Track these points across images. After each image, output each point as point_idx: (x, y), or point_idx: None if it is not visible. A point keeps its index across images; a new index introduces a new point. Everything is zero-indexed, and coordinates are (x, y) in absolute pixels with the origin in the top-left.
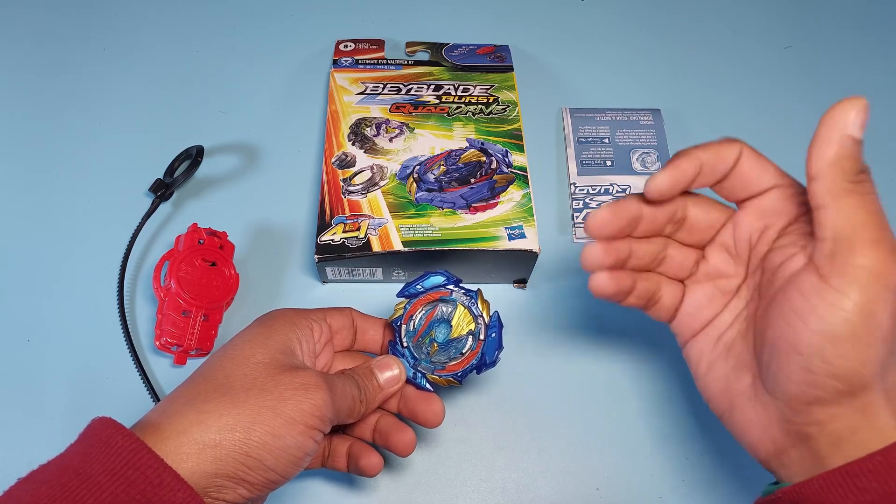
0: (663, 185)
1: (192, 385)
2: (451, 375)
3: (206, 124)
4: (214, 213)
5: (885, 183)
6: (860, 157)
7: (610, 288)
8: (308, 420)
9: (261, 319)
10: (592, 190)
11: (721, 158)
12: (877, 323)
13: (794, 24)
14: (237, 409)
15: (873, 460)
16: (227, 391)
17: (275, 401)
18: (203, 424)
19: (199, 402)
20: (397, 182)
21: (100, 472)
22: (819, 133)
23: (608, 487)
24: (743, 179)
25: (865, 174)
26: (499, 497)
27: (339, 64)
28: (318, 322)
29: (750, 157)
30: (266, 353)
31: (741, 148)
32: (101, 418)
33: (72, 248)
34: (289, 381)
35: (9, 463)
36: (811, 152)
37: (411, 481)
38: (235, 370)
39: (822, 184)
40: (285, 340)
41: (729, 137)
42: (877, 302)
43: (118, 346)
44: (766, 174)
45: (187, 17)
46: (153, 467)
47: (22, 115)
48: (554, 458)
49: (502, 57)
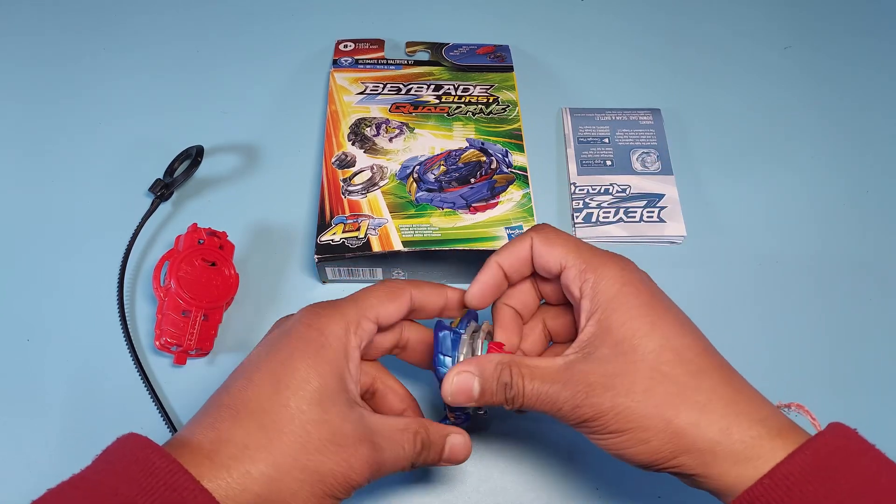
0: (473, 299)
1: (240, 430)
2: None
3: (206, 124)
4: (214, 213)
5: (886, 183)
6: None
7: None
8: (338, 495)
9: (315, 343)
10: (592, 190)
11: (515, 254)
12: (629, 435)
13: (794, 24)
14: (281, 480)
15: (762, 485)
16: (275, 449)
17: (316, 479)
18: (248, 475)
19: (252, 446)
20: (397, 182)
21: (136, 492)
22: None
23: (608, 487)
24: (540, 265)
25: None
26: (499, 497)
27: (339, 64)
28: (366, 330)
29: (539, 244)
30: (322, 409)
31: (531, 237)
32: (132, 435)
33: (72, 247)
34: (333, 461)
35: (9, 463)
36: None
37: (411, 481)
38: (288, 424)
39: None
40: (339, 379)
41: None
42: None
43: (118, 346)
44: (552, 257)
45: (187, 16)
46: (189, 489)
47: (22, 115)
48: (554, 457)
49: (502, 57)
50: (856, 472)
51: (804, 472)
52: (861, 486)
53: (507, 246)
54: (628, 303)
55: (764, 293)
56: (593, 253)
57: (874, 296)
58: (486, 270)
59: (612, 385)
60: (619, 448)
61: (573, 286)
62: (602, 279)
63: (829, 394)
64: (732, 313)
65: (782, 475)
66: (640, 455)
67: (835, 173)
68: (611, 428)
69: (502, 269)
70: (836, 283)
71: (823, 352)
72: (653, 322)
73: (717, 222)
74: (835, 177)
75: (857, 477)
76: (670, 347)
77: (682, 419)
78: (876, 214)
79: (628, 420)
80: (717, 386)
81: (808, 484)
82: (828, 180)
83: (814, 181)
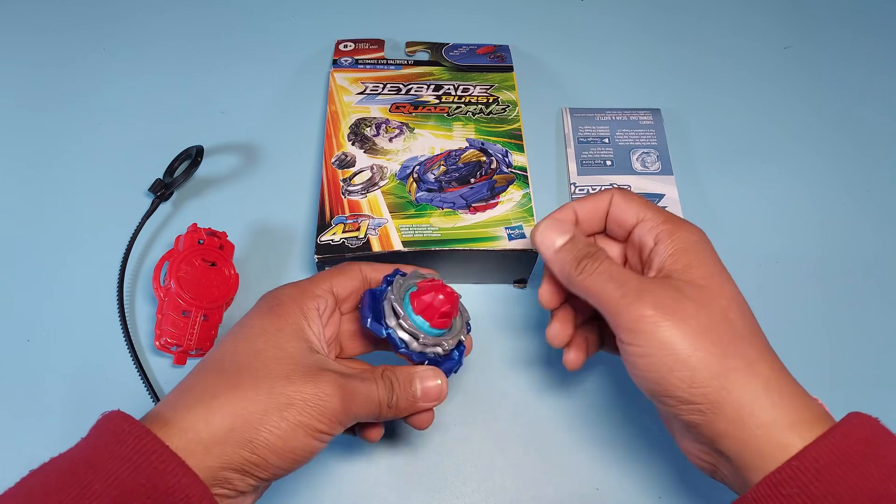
0: (538, 233)
1: (203, 377)
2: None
3: (206, 124)
4: (214, 213)
5: (886, 183)
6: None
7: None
8: (315, 425)
9: (268, 304)
10: (592, 190)
11: (593, 203)
12: (672, 351)
13: (794, 24)
14: (245, 407)
15: (790, 467)
16: (237, 386)
17: (283, 403)
18: (210, 423)
19: (208, 397)
20: (397, 182)
21: (107, 459)
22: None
23: (608, 487)
24: (616, 216)
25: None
26: (499, 497)
27: (339, 64)
28: (322, 297)
29: (619, 198)
30: (278, 348)
31: (612, 192)
32: (112, 411)
33: (72, 247)
34: (301, 384)
35: (9, 462)
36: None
37: (411, 481)
38: (247, 364)
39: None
40: (296, 329)
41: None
42: (663, 334)
43: (118, 346)
44: (631, 210)
45: (187, 16)
46: (158, 452)
47: (21, 115)
48: (554, 458)
49: (502, 57)
50: (885, 460)
51: (835, 457)
52: (889, 475)
53: (586, 197)
54: (706, 251)
55: (764, 293)
56: (669, 214)
57: (875, 295)
58: (562, 209)
59: (681, 308)
60: (663, 369)
61: (648, 235)
62: (679, 230)
63: (830, 394)
64: None
65: (812, 458)
66: (681, 383)
67: (835, 173)
68: (661, 339)
69: (576, 214)
70: (837, 283)
71: (824, 351)
72: (726, 276)
73: (717, 222)
74: (835, 177)
75: (886, 466)
76: (738, 302)
77: (733, 362)
78: (876, 214)
79: (678, 344)
80: (766, 349)
81: (838, 469)
82: (828, 180)
83: (814, 181)
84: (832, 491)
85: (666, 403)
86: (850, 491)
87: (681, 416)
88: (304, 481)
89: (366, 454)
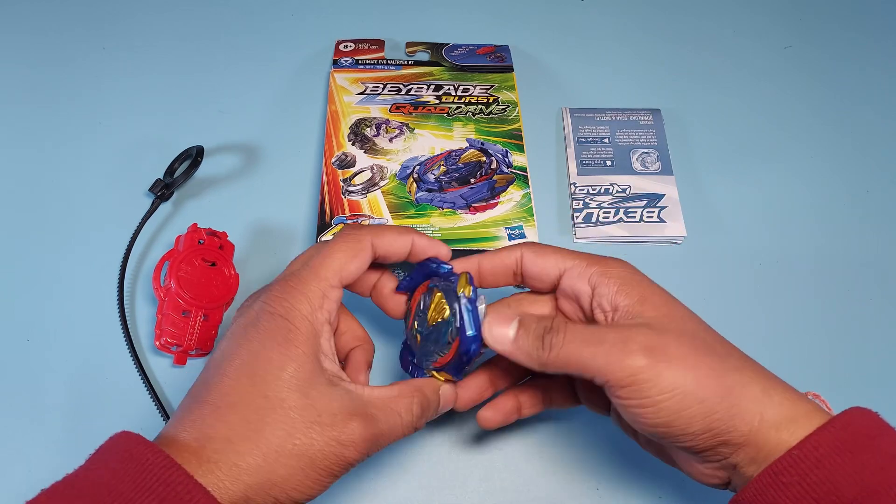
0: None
1: (222, 424)
2: (443, 369)
3: (206, 124)
4: (214, 213)
5: (886, 183)
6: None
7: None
8: (337, 472)
9: (283, 332)
10: (592, 190)
11: (499, 259)
12: (678, 392)
13: (794, 24)
14: (271, 470)
15: (791, 456)
16: (261, 446)
17: (307, 464)
18: (236, 467)
19: (236, 440)
20: (397, 182)
21: (131, 489)
22: None
23: (608, 487)
24: (534, 274)
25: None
26: (499, 497)
27: (339, 64)
28: (334, 302)
29: (530, 254)
30: (303, 394)
31: (521, 249)
32: (125, 433)
33: (72, 247)
34: (322, 440)
35: (9, 463)
36: None
37: (411, 481)
38: (270, 416)
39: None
40: (314, 361)
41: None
42: (664, 380)
43: (118, 346)
44: (548, 264)
45: (187, 16)
46: (184, 483)
47: (22, 115)
48: (554, 458)
49: (502, 57)
50: (882, 450)
51: (834, 446)
52: (887, 465)
53: (492, 252)
54: (644, 279)
55: (764, 293)
56: (588, 255)
57: (874, 295)
58: (466, 261)
59: (668, 345)
60: (673, 413)
61: (580, 283)
62: (610, 268)
63: (830, 393)
64: (732, 313)
65: (811, 447)
66: (695, 419)
67: (835, 173)
68: (664, 386)
69: (480, 268)
70: (837, 283)
71: (823, 351)
72: (672, 296)
73: (717, 222)
74: (835, 176)
75: (884, 455)
76: (697, 321)
77: (730, 378)
78: (876, 214)
79: (682, 383)
80: (741, 354)
81: (837, 457)
82: (828, 180)
83: (814, 181)
84: (830, 478)
85: (680, 441)
86: (848, 478)
87: (696, 446)
88: None
89: None
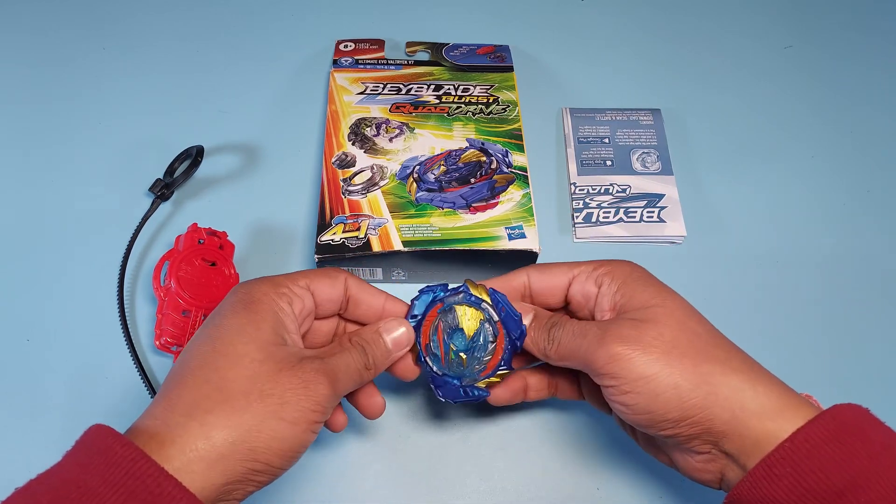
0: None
1: (187, 388)
2: (497, 370)
3: (206, 124)
4: (214, 213)
5: (886, 183)
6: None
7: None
8: (311, 417)
9: (242, 301)
10: (592, 190)
11: (508, 283)
12: (651, 378)
13: (794, 24)
14: (241, 419)
15: (783, 448)
16: (228, 398)
17: (277, 404)
18: (210, 439)
19: (200, 412)
20: (397, 182)
21: (99, 484)
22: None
23: (608, 487)
24: (543, 289)
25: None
26: (499, 497)
27: (339, 64)
28: (299, 297)
29: (536, 273)
30: (260, 349)
31: (526, 271)
32: (97, 426)
33: (72, 247)
34: (288, 381)
35: (8, 463)
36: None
37: (411, 481)
38: (232, 371)
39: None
40: (274, 326)
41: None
42: (637, 365)
43: (118, 346)
44: (557, 275)
45: (187, 16)
46: (153, 476)
47: (22, 115)
48: (554, 458)
49: (502, 57)
50: (872, 441)
51: (824, 437)
52: (878, 454)
53: (501, 277)
54: (645, 276)
55: (764, 293)
56: (596, 260)
57: (875, 295)
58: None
59: (644, 335)
60: (650, 398)
61: (588, 284)
62: (615, 268)
63: (830, 393)
64: (732, 313)
65: (803, 439)
66: (670, 404)
67: (835, 173)
68: (638, 372)
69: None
70: (837, 283)
71: (824, 351)
72: (672, 292)
73: (717, 222)
74: (835, 176)
75: (874, 445)
76: (693, 311)
77: (707, 366)
78: (876, 214)
79: (655, 369)
80: (733, 347)
81: (828, 448)
82: (828, 180)
83: (814, 181)
84: (821, 467)
85: (662, 428)
86: (838, 468)
87: (680, 434)
88: (305, 482)
89: (366, 454)
